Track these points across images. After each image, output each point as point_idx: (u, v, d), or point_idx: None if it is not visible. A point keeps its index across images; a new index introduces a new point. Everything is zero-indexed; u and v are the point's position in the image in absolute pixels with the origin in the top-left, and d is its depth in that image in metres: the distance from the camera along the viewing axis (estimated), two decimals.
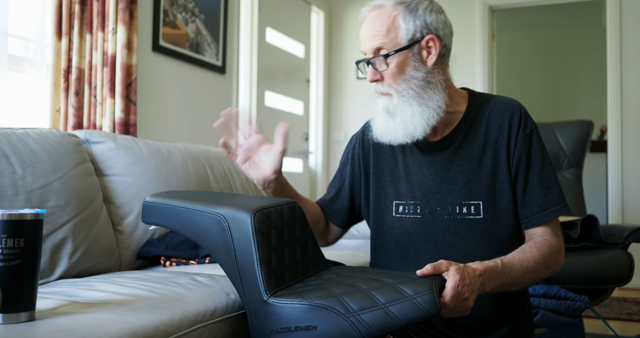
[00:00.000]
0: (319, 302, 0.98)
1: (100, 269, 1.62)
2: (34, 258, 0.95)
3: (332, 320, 0.96)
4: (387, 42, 1.22)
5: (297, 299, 1.00)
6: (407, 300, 0.96)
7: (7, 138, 1.48)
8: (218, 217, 1.10)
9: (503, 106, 1.30)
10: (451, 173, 1.28)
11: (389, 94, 1.25)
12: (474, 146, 1.28)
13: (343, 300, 0.97)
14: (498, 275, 1.12)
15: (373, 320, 0.94)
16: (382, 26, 1.23)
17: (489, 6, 4.58)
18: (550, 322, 1.92)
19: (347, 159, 1.46)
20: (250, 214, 1.07)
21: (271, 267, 1.06)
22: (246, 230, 1.06)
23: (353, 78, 4.90)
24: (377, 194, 1.36)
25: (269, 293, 1.02)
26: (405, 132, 1.24)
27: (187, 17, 3.16)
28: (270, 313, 1.01)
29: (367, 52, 1.26)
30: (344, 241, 2.53)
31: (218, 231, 1.10)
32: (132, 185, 1.81)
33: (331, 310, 0.96)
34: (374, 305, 0.96)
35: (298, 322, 0.98)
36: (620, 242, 2.21)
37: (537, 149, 1.27)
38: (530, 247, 1.21)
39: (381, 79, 1.25)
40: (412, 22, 1.22)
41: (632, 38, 4.13)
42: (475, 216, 1.26)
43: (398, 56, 1.22)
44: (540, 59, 7.08)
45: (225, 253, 1.09)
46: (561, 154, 2.92)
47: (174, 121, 3.10)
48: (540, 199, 1.25)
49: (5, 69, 2.18)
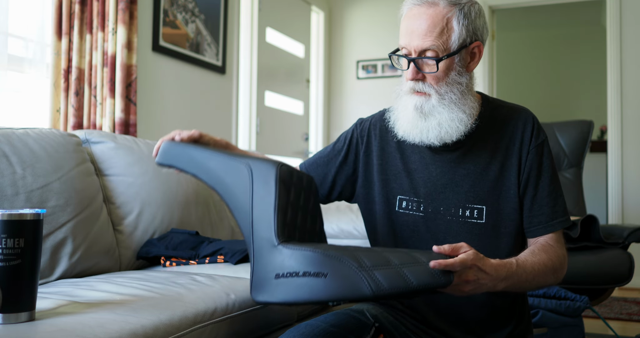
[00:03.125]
0: (332, 252, 0.94)
1: (100, 269, 1.62)
2: (34, 258, 0.95)
3: (343, 270, 0.92)
4: (439, 45, 1.17)
5: (310, 247, 0.97)
6: (422, 265, 0.94)
7: (7, 138, 1.48)
8: (241, 165, 1.09)
9: (516, 113, 1.29)
10: (457, 174, 1.27)
11: (427, 94, 1.21)
12: (483, 151, 1.27)
13: (357, 255, 0.94)
14: (513, 276, 1.11)
15: (385, 278, 0.91)
16: (435, 27, 1.17)
17: (489, 6, 4.58)
18: (550, 322, 1.92)
19: (345, 140, 1.42)
20: (276, 166, 1.07)
21: (286, 217, 1.04)
22: (270, 177, 1.05)
23: (353, 78, 4.90)
24: (382, 187, 1.35)
25: (280, 239, 0.99)
26: (440, 135, 1.21)
27: (187, 17, 3.16)
28: (278, 258, 0.98)
29: (410, 49, 1.20)
30: (344, 241, 2.53)
31: (239, 177, 1.08)
32: (132, 185, 1.81)
33: (343, 261, 0.93)
34: (387, 265, 0.93)
35: (307, 267, 0.94)
36: (620, 242, 2.21)
37: (547, 159, 1.27)
38: (539, 250, 1.20)
39: (422, 79, 1.21)
40: (465, 27, 1.18)
41: (632, 38, 4.13)
42: (477, 220, 1.25)
43: (446, 60, 1.18)
44: (540, 59, 7.07)
45: (240, 197, 1.07)
46: (561, 154, 2.92)
47: (174, 121, 3.10)
48: (548, 210, 1.24)
49: (5, 69, 2.18)
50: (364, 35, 4.86)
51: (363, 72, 4.85)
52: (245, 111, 3.78)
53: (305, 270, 0.94)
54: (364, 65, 4.84)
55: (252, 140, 3.82)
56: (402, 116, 1.25)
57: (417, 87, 1.21)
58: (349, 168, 1.40)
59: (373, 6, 4.82)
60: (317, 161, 1.44)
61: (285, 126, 4.35)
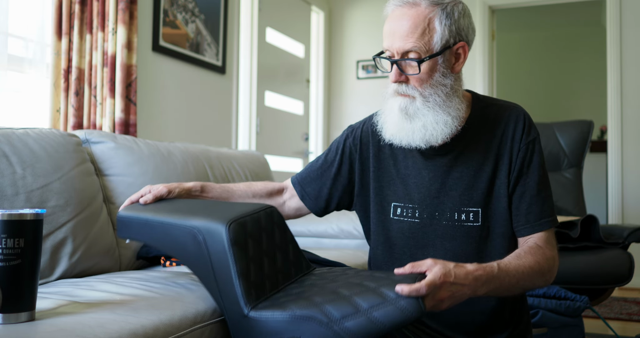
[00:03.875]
0: (301, 312, 0.95)
1: (100, 269, 1.62)
2: (34, 258, 0.95)
3: (315, 330, 0.93)
4: (421, 46, 1.15)
5: (279, 311, 0.97)
6: (390, 304, 0.93)
7: (7, 138, 1.48)
8: (193, 230, 1.07)
9: (507, 111, 1.27)
10: (451, 178, 1.26)
11: (411, 96, 1.20)
12: (475, 153, 1.25)
13: (325, 309, 0.95)
14: (493, 280, 1.08)
15: (356, 327, 0.92)
16: (416, 28, 1.15)
17: (489, 6, 4.58)
18: (550, 322, 1.92)
19: (337, 150, 1.40)
20: (225, 225, 1.03)
21: (250, 279, 1.03)
22: (221, 242, 1.03)
23: (353, 78, 4.90)
24: (375, 194, 1.34)
25: (249, 307, 0.99)
26: (425, 137, 1.19)
27: (187, 17, 3.16)
28: (252, 327, 0.99)
29: (393, 51, 1.19)
30: (344, 241, 2.53)
31: (194, 245, 1.07)
32: (132, 185, 1.81)
33: (313, 320, 0.94)
34: (356, 312, 0.93)
35: (281, 334, 0.95)
36: (620, 242, 2.21)
37: (538, 157, 1.24)
38: (525, 253, 1.17)
39: (406, 81, 1.19)
40: (448, 28, 1.16)
41: (632, 38, 4.13)
42: (473, 223, 1.23)
43: (429, 61, 1.16)
44: (541, 59, 7.08)
45: (202, 267, 1.06)
46: (561, 154, 2.92)
47: (174, 121, 3.10)
48: (537, 208, 1.22)
49: (5, 69, 2.18)
50: (364, 35, 4.86)
51: (363, 72, 4.85)
52: (245, 111, 3.78)
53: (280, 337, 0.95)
54: (364, 65, 4.84)
55: (252, 140, 3.82)
56: (389, 119, 1.24)
57: (401, 89, 1.20)
58: (344, 178, 1.39)
59: (373, 6, 4.83)
60: (310, 175, 1.43)
61: (285, 126, 4.35)
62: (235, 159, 2.41)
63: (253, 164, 2.50)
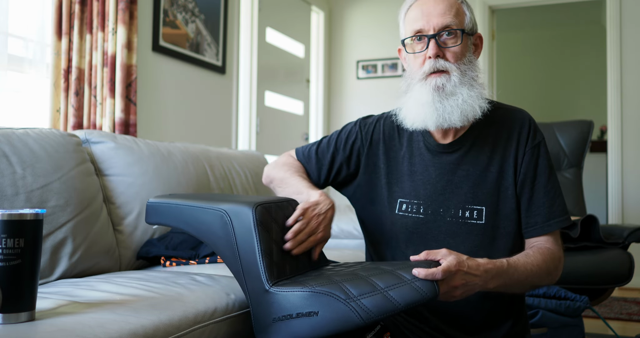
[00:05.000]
0: (320, 288, 0.99)
1: (100, 269, 1.62)
2: (34, 258, 0.95)
3: (333, 305, 0.97)
4: (458, 23, 1.22)
5: (298, 287, 1.01)
6: (406, 284, 0.98)
7: (7, 138, 1.48)
8: (220, 212, 1.12)
9: (513, 115, 1.31)
10: (457, 176, 1.28)
11: (446, 71, 1.22)
12: (482, 152, 1.28)
13: (343, 286, 0.99)
14: (503, 274, 1.12)
15: (373, 304, 0.96)
16: (452, 7, 1.23)
17: (489, 6, 4.58)
18: (550, 322, 1.92)
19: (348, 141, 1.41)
20: (252, 207, 1.09)
21: (272, 258, 1.07)
22: (248, 223, 1.08)
23: (353, 78, 4.90)
24: (385, 190, 1.35)
25: (270, 283, 1.04)
26: (464, 112, 1.21)
27: (187, 17, 3.16)
28: (272, 302, 1.03)
29: (430, 28, 1.22)
30: (344, 241, 2.53)
31: (220, 226, 1.12)
32: (132, 185, 1.81)
33: (332, 295, 0.98)
34: (373, 290, 0.97)
35: (299, 308, 0.99)
36: (620, 242, 2.21)
37: (544, 160, 1.28)
38: (534, 252, 1.21)
39: (442, 56, 1.22)
40: (470, 16, 1.26)
41: (632, 38, 4.13)
42: (477, 221, 1.26)
43: (465, 37, 1.23)
44: (541, 59, 7.07)
45: (227, 247, 1.11)
46: (561, 154, 2.92)
47: (174, 121, 3.10)
48: (545, 210, 1.25)
49: (5, 69, 2.18)
50: (364, 35, 4.86)
51: (363, 72, 4.85)
52: (245, 111, 3.78)
53: (298, 312, 0.99)
54: (364, 65, 4.84)
55: (252, 140, 3.81)
56: (416, 106, 1.24)
57: (438, 64, 1.22)
58: (352, 168, 1.41)
59: (373, 6, 4.82)
60: (317, 155, 1.44)
61: (285, 126, 4.35)
62: (235, 159, 2.41)
63: (253, 164, 2.50)
